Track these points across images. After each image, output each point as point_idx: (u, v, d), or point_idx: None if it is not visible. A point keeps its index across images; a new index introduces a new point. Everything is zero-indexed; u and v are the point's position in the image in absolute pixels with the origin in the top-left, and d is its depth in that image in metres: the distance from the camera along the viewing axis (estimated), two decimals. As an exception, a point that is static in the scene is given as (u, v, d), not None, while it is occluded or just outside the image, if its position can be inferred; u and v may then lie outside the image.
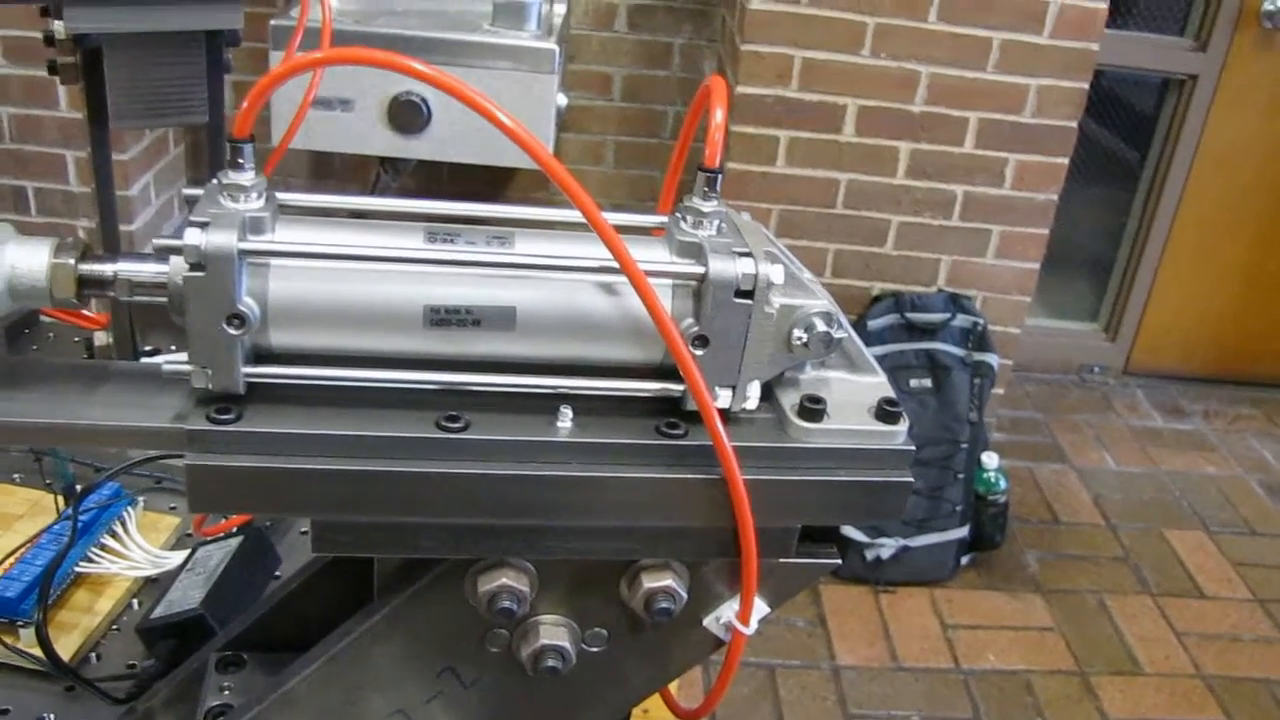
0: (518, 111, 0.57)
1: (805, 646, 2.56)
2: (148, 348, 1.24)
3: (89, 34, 0.95)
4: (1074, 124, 2.64)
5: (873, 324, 2.71)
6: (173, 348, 1.26)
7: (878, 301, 2.75)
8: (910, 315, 2.72)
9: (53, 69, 1.02)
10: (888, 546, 2.72)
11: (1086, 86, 2.59)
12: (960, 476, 2.76)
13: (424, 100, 2.27)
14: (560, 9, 2.62)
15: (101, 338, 1.20)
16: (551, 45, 2.31)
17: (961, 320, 2.74)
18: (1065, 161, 2.67)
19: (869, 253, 2.74)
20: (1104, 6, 2.52)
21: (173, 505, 1.13)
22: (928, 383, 2.73)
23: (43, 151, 2.75)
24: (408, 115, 2.28)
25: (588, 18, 2.93)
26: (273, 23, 2.25)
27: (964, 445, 2.75)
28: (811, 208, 2.68)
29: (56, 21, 0.96)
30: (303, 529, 1.11)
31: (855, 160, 2.64)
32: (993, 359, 2.78)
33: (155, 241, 0.58)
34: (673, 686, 0.84)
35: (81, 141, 2.71)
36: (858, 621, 2.66)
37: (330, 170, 3.08)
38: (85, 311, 0.90)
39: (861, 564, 2.72)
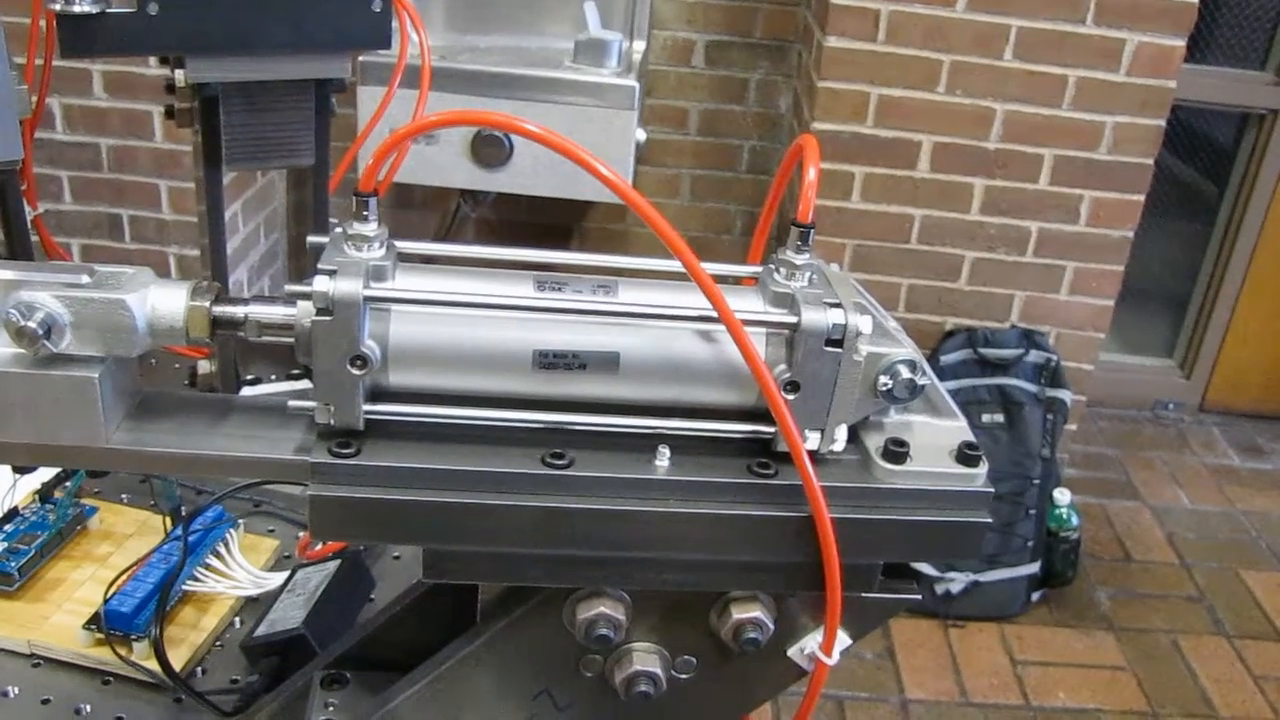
0: (598, 146, 0.61)
1: (874, 679, 2.57)
2: (249, 377, 1.31)
3: (208, 82, 1.01)
4: (1150, 161, 2.63)
5: (945, 359, 2.72)
6: (273, 377, 1.32)
7: (951, 336, 2.76)
8: (983, 350, 2.73)
9: (170, 113, 1.09)
10: (958, 581, 2.73)
11: (1163, 124, 2.59)
12: (1032, 512, 2.75)
13: (506, 136, 2.33)
14: (639, 45, 2.67)
15: (204, 366, 1.26)
16: (632, 82, 2.36)
17: (1035, 356, 2.74)
18: (1141, 199, 2.67)
19: (942, 288, 2.75)
20: (1181, 45, 2.52)
21: (271, 529, 1.18)
22: (1000, 418, 2.73)
23: (138, 181, 2.85)
24: (490, 150, 2.34)
25: (666, 54, 2.98)
26: (361, 59, 2.33)
27: (1036, 481, 2.75)
28: (886, 243, 2.70)
29: (178, 70, 1.02)
30: (395, 554, 1.15)
31: (930, 196, 2.66)
32: (1066, 395, 2.77)
33: (287, 287, 0.63)
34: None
35: (175, 171, 2.82)
36: (927, 655, 2.66)
37: (410, 201, 3.15)
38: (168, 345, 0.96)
39: (931, 598, 2.73)
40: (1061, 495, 2.80)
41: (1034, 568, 2.78)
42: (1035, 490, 2.75)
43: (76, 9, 0.90)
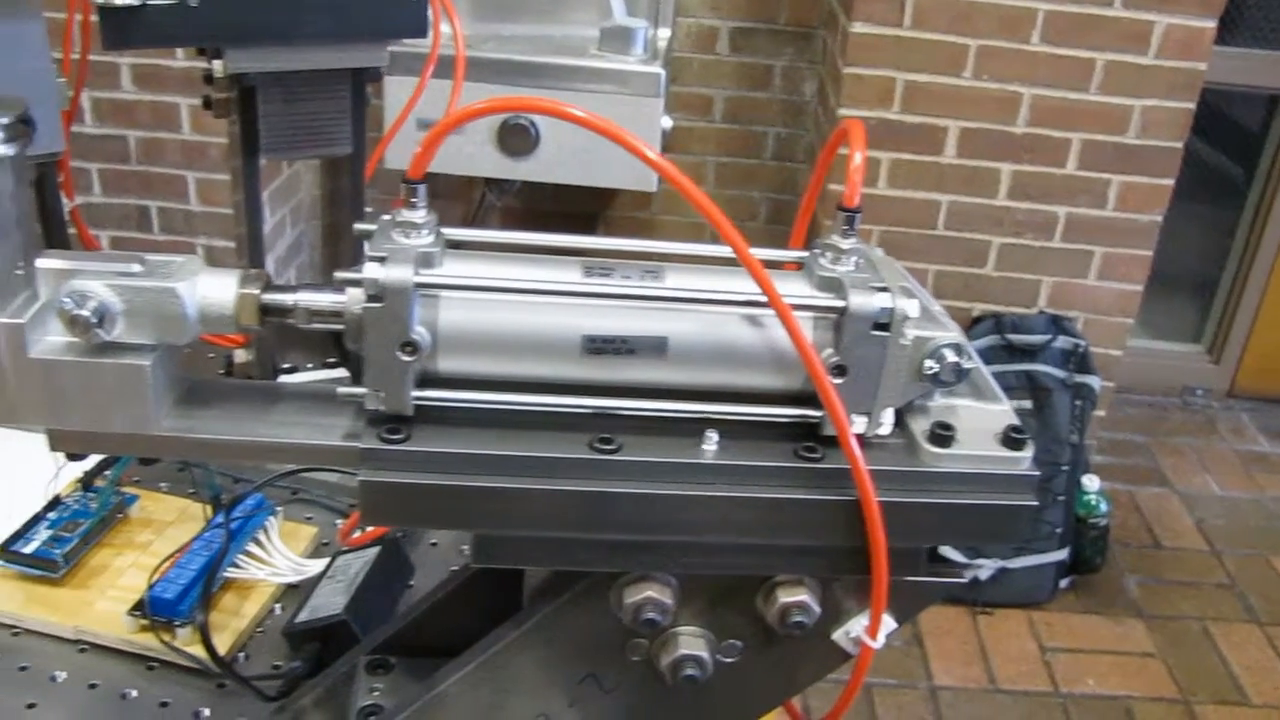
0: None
1: (902, 666, 2.57)
2: (285, 366, 1.31)
3: (246, 73, 1.01)
4: (1179, 145, 2.62)
5: (973, 345, 2.70)
6: (309, 366, 1.33)
7: (978, 323, 2.75)
8: (1011, 336, 2.72)
9: (207, 104, 1.09)
10: (986, 568, 2.72)
11: (1193, 107, 2.58)
12: (1060, 499, 2.75)
13: (533, 124, 2.33)
14: (664, 33, 2.67)
15: (240, 355, 1.27)
16: (658, 69, 2.36)
17: (1063, 342, 2.73)
18: (1170, 183, 2.65)
19: (970, 274, 2.74)
20: (1212, 26, 2.50)
21: (309, 516, 1.19)
22: (1028, 404, 2.72)
23: (166, 173, 2.87)
24: (517, 139, 2.34)
25: (690, 40, 2.98)
26: (390, 48, 2.32)
27: (1064, 467, 2.74)
28: (913, 229, 2.69)
29: (216, 61, 1.03)
30: (432, 541, 1.16)
31: (957, 182, 2.65)
32: (1094, 381, 2.76)
33: (337, 274, 0.63)
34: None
35: (203, 163, 2.84)
36: (955, 642, 2.66)
37: (435, 190, 3.14)
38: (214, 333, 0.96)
39: (959, 584, 2.72)
40: (1090, 482, 2.79)
41: (1062, 554, 2.78)
42: (1064, 477, 2.74)
43: (118, 1, 0.90)
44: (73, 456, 1.00)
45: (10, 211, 0.64)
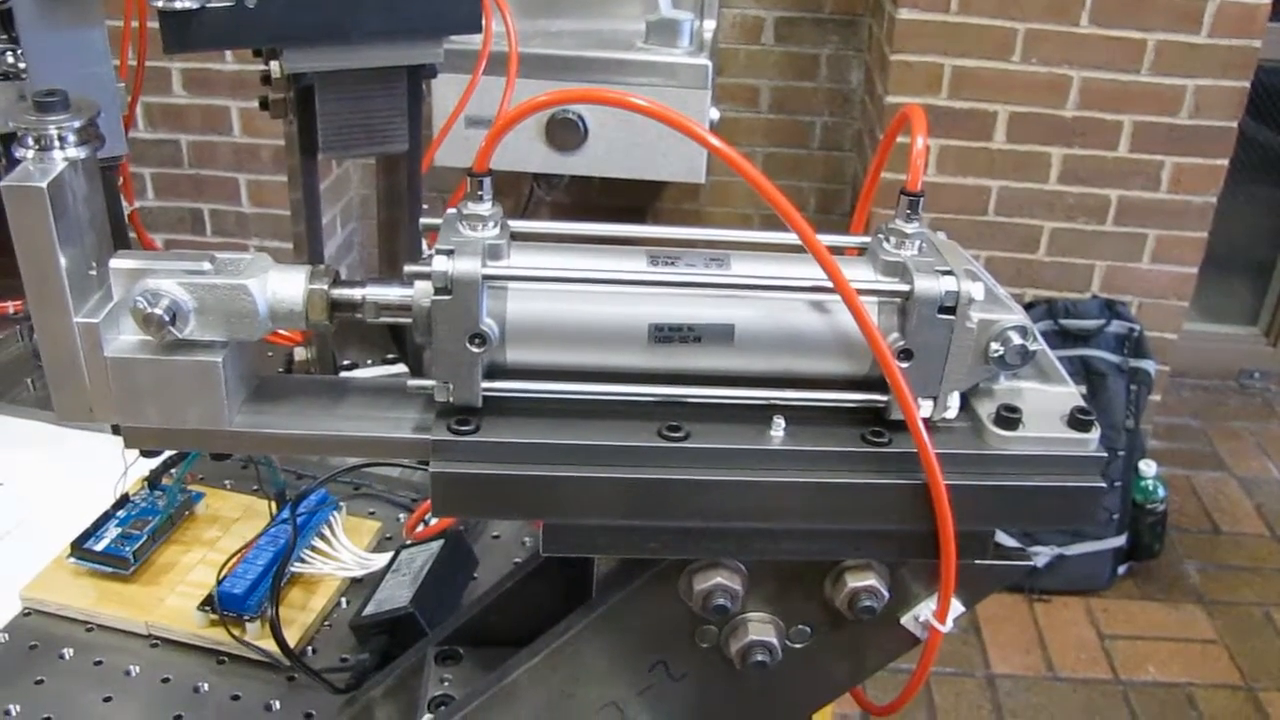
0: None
1: (960, 654, 2.56)
2: (345, 362, 1.33)
3: (303, 72, 1.02)
4: (1234, 124, 2.58)
5: (1026, 330, 2.69)
6: (369, 362, 1.34)
7: (1030, 308, 2.73)
8: (1064, 322, 2.69)
9: (264, 105, 1.11)
10: (1043, 554, 2.70)
11: (1247, 85, 2.54)
12: (1117, 484, 2.72)
13: (581, 118, 2.33)
14: (710, 24, 2.66)
15: (300, 353, 1.28)
16: (704, 61, 2.35)
17: (1117, 326, 2.70)
18: (1224, 163, 2.62)
19: (1021, 259, 2.72)
20: (1267, 2, 2.46)
21: (372, 510, 1.20)
22: (1082, 389, 2.69)
23: (218, 175, 2.90)
24: (566, 133, 2.34)
25: (735, 31, 2.97)
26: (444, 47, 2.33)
27: (1121, 453, 2.71)
28: (963, 215, 2.67)
29: (273, 62, 1.04)
30: (494, 534, 1.17)
31: (1007, 167, 2.63)
32: (1150, 365, 2.73)
33: (406, 268, 0.64)
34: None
35: (253, 165, 2.87)
36: (1012, 629, 2.64)
37: (484, 187, 3.16)
38: (281, 330, 0.97)
39: (1022, 569, 2.70)
40: (1147, 467, 2.76)
41: (1120, 541, 2.75)
42: (1120, 462, 2.72)
43: (178, 5, 0.92)
44: (147, 453, 1.02)
45: (83, 213, 0.65)
